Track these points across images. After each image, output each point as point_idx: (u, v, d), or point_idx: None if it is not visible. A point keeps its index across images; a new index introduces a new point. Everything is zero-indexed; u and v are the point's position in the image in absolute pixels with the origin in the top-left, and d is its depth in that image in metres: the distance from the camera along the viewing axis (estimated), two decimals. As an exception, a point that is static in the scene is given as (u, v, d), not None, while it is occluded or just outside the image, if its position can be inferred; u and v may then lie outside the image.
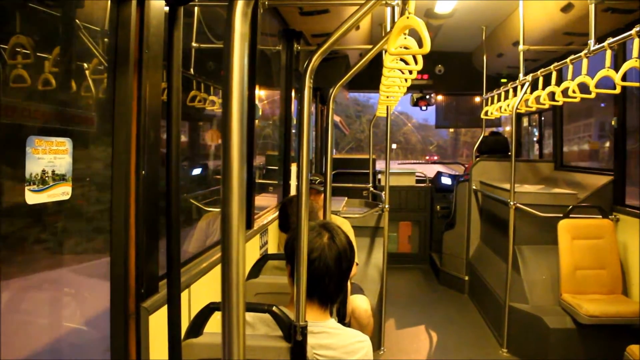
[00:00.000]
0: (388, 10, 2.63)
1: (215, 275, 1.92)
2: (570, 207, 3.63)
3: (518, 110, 3.93)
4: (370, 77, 4.32)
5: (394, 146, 18.81)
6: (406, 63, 2.18)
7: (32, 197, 1.05)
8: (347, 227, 3.22)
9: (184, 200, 2.35)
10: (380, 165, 6.24)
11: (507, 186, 3.97)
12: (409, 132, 21.38)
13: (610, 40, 2.57)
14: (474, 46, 5.62)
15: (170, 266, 1.28)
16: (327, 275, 1.46)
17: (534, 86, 3.70)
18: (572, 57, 2.99)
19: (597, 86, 2.74)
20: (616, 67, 2.62)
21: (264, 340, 1.36)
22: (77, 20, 1.30)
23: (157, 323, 1.39)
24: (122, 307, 1.32)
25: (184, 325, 1.37)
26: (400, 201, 6.35)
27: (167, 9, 1.37)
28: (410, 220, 6.46)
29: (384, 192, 3.89)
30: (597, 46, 2.74)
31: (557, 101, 3.26)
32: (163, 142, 1.34)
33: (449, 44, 5.55)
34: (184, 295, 1.56)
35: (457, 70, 6.06)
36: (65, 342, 1.32)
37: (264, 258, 2.04)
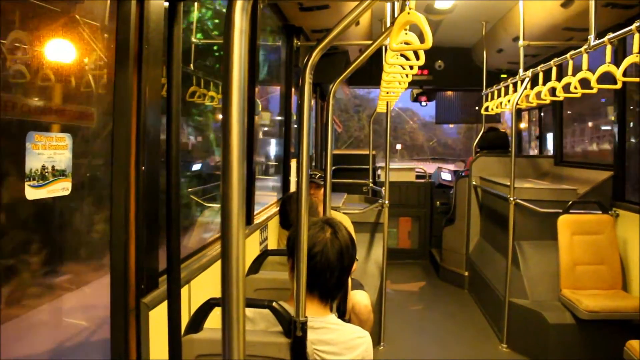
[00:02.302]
0: (388, 6, 2.63)
1: (215, 271, 1.92)
2: (570, 202, 3.63)
3: (518, 106, 3.92)
4: (370, 72, 4.32)
5: (398, 147, 18.41)
6: (407, 58, 2.18)
7: (31, 193, 1.05)
8: (347, 223, 3.22)
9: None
10: (380, 161, 6.23)
11: (507, 182, 3.97)
12: (415, 131, 20.74)
13: (611, 35, 2.56)
14: (473, 41, 5.61)
15: (171, 262, 1.28)
16: (329, 270, 1.47)
17: (534, 81, 3.69)
18: (572, 52, 2.98)
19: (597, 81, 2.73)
20: (616, 62, 2.61)
21: (264, 336, 1.36)
22: (77, 16, 1.30)
23: (157, 318, 1.39)
24: (122, 302, 1.32)
25: (184, 320, 1.38)
26: (400, 197, 6.35)
27: (167, 4, 1.37)
28: (410, 216, 6.47)
29: (383, 188, 3.89)
30: (597, 41, 2.72)
31: (558, 96, 3.25)
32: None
33: (449, 39, 5.54)
34: (184, 290, 1.56)
35: (457, 66, 6.05)
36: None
37: (264, 254, 2.05)
